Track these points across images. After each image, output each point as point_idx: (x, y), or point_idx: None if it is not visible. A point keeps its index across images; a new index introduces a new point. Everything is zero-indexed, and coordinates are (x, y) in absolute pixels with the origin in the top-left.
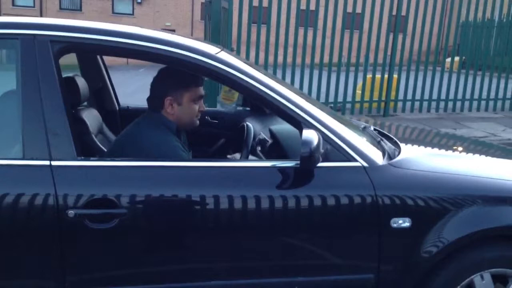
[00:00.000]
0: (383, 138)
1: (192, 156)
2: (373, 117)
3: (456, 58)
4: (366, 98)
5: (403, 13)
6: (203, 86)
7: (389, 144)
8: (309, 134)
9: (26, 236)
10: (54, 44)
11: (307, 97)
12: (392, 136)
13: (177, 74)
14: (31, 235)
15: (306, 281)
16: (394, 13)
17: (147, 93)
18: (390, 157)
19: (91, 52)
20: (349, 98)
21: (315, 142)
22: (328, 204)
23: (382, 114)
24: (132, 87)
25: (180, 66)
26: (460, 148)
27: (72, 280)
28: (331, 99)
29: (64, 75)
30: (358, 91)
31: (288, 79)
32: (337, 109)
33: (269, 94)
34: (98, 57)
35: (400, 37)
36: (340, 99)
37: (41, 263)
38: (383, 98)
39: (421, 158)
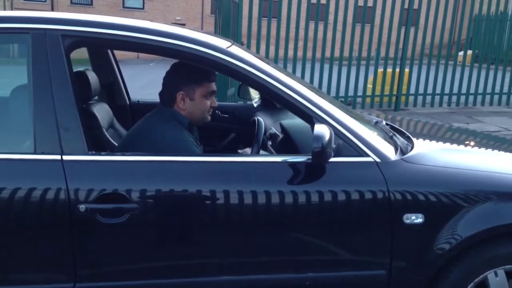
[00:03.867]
0: (395, 133)
1: (203, 151)
2: (384, 112)
3: (469, 52)
4: (377, 92)
5: (415, 6)
6: (215, 82)
7: (401, 139)
8: (321, 129)
9: (38, 230)
10: (65, 38)
11: (318, 91)
12: (404, 131)
13: (189, 69)
14: (42, 229)
15: (317, 276)
16: (406, 6)
17: (157, 88)
18: (403, 152)
19: (102, 47)
20: (360, 93)
21: (327, 137)
22: (339, 200)
23: (393, 109)
24: (142, 82)
25: (191, 60)
26: (472, 143)
27: (83, 274)
28: (341, 93)
29: (75, 69)
30: (369, 85)
31: (298, 74)
32: (347, 103)
33: (280, 89)
34: (109, 51)
35: (412, 30)
36: (350, 93)
37: (52, 257)
38: (394, 92)
39: (434, 153)
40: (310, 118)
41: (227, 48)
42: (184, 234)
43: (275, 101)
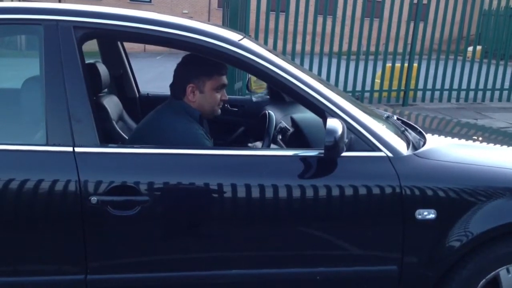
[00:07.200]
0: (407, 128)
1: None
2: (392, 107)
3: (478, 48)
4: (385, 87)
5: (425, 1)
6: (226, 75)
7: (413, 134)
8: (334, 123)
9: (49, 222)
10: (77, 30)
11: (330, 85)
12: (416, 126)
13: (200, 61)
14: (54, 221)
15: (328, 271)
16: (415, 1)
17: (164, 81)
18: (415, 147)
19: (114, 39)
20: (367, 87)
21: (340, 131)
22: (351, 194)
23: (401, 104)
24: (149, 75)
25: (202, 52)
26: (484, 139)
27: (94, 266)
28: (349, 88)
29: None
30: (377, 80)
31: (306, 68)
32: (355, 98)
33: (293, 82)
34: (119, 43)
35: (421, 25)
36: (358, 88)
37: (64, 249)
38: (403, 87)
39: (447, 148)
40: (322, 112)
41: (238, 40)
42: (195, 227)
43: (287, 94)
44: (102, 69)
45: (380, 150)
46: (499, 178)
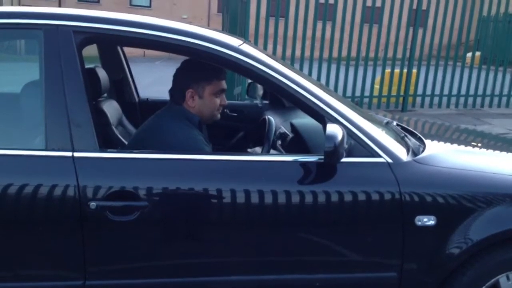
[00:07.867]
0: (406, 134)
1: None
2: (391, 112)
3: (477, 53)
4: (384, 92)
5: (424, 7)
6: (225, 80)
7: (413, 140)
8: (334, 129)
9: (48, 227)
10: (77, 34)
11: (330, 90)
12: (416, 132)
13: (199, 66)
14: (53, 226)
15: (327, 278)
16: (414, 7)
17: (163, 86)
18: (415, 153)
19: (114, 43)
20: (367, 93)
21: (340, 137)
22: (351, 200)
23: (400, 109)
24: (148, 80)
25: (202, 58)
26: (483, 145)
27: (92, 271)
28: (348, 93)
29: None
30: (376, 86)
31: (305, 73)
32: (355, 103)
33: (292, 88)
34: (119, 48)
35: (420, 31)
36: (357, 93)
37: (63, 254)
38: (402, 93)
39: (447, 154)
40: (322, 117)
41: (238, 46)
42: (194, 232)
43: (286, 100)
44: (102, 74)
45: (379, 156)
46: (499, 185)
